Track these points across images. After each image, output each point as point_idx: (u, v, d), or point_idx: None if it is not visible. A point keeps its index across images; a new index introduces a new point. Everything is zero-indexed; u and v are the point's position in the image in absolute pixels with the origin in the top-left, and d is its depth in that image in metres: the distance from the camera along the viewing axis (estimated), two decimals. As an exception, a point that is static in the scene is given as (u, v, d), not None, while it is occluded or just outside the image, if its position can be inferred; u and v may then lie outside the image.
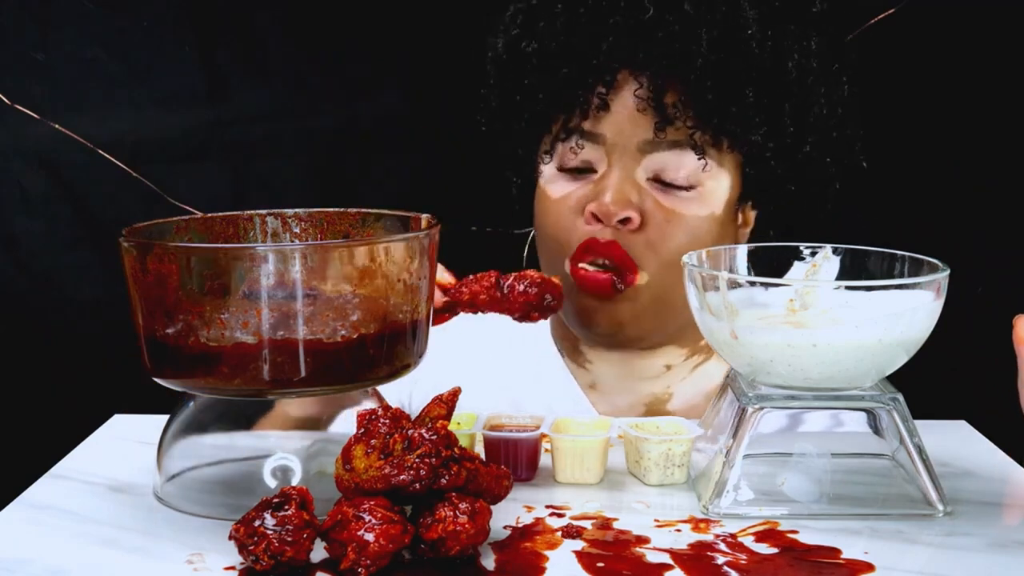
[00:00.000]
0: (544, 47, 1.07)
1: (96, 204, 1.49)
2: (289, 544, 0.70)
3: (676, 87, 1.03)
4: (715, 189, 1.07)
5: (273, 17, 1.49)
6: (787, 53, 1.04)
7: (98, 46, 1.47)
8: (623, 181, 1.05)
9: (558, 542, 0.77)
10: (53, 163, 1.48)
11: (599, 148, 1.07)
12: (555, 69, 1.06)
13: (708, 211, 1.07)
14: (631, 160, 1.06)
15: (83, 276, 1.50)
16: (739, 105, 1.03)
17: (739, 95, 1.03)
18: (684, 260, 0.85)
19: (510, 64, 1.11)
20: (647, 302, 1.08)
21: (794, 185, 1.10)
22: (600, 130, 1.06)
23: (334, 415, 0.87)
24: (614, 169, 1.06)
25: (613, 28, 1.04)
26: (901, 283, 0.83)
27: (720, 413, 0.88)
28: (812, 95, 1.06)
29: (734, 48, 1.02)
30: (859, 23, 1.46)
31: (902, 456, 0.84)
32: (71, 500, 0.85)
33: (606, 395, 1.16)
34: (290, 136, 1.50)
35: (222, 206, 1.43)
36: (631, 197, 1.05)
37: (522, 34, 1.09)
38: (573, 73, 1.05)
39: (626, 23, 1.03)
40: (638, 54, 1.03)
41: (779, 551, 0.76)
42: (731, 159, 1.07)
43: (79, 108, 1.47)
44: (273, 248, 0.78)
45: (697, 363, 1.16)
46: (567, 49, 1.05)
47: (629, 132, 1.05)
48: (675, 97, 1.03)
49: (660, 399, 1.15)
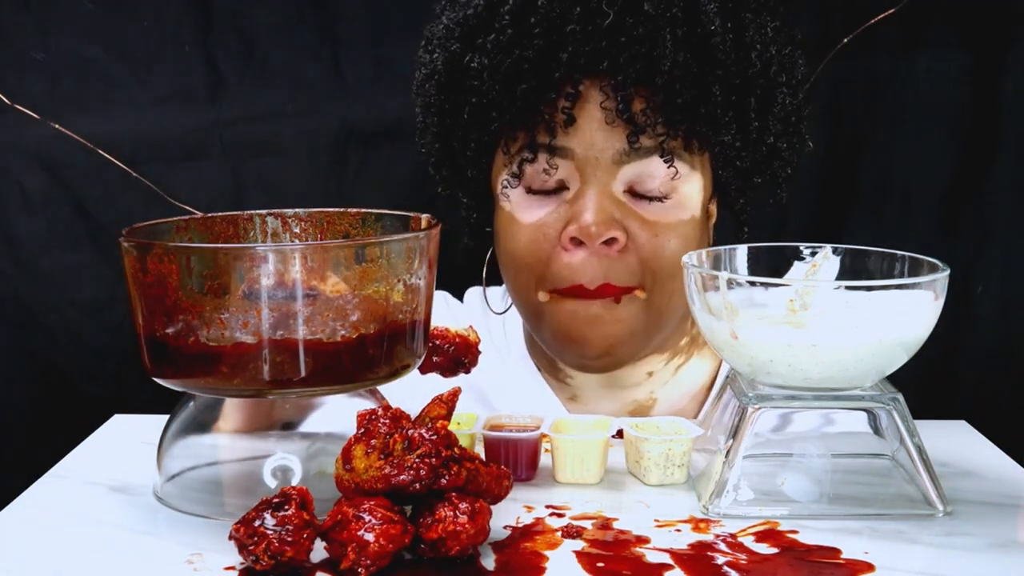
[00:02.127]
0: (495, 62, 0.99)
1: (96, 204, 1.49)
2: (289, 544, 0.70)
3: (643, 92, 0.97)
4: (691, 193, 1.02)
5: (273, 17, 1.49)
6: (749, 44, 1.00)
7: (98, 46, 1.47)
8: (601, 198, 0.99)
9: (558, 542, 0.77)
10: (53, 163, 1.48)
11: (568, 164, 1.00)
12: (512, 85, 0.98)
13: (689, 215, 1.02)
14: (605, 174, 1.00)
15: (83, 276, 1.49)
16: (708, 105, 0.98)
17: (708, 95, 0.98)
18: (684, 260, 0.85)
19: (454, 83, 1.03)
20: (644, 317, 1.03)
21: (760, 176, 1.07)
22: (569, 144, 0.99)
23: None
24: (589, 186, 1.00)
25: (571, 37, 0.96)
26: (901, 283, 0.83)
27: (720, 413, 0.89)
28: (775, 85, 1.02)
29: (699, 46, 0.97)
30: (859, 23, 1.46)
31: (902, 456, 0.84)
32: (71, 500, 0.85)
33: (588, 406, 1.13)
34: (290, 136, 1.50)
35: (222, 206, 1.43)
36: (613, 214, 0.99)
37: (464, 48, 1.01)
38: (532, 88, 0.98)
39: (585, 30, 0.96)
40: (602, 62, 0.96)
41: (779, 551, 0.76)
42: (702, 160, 1.03)
43: (79, 108, 1.47)
44: (273, 248, 0.78)
45: (678, 364, 1.13)
46: (523, 62, 0.97)
47: (601, 144, 0.99)
48: (643, 103, 0.97)
49: (644, 405, 1.13)
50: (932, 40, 1.46)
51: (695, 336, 1.14)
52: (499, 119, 1.01)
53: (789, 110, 1.05)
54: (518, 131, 1.01)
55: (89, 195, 1.49)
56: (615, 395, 1.13)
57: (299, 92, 1.50)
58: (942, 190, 1.50)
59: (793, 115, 1.06)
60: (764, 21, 1.02)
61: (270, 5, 1.49)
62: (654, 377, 1.13)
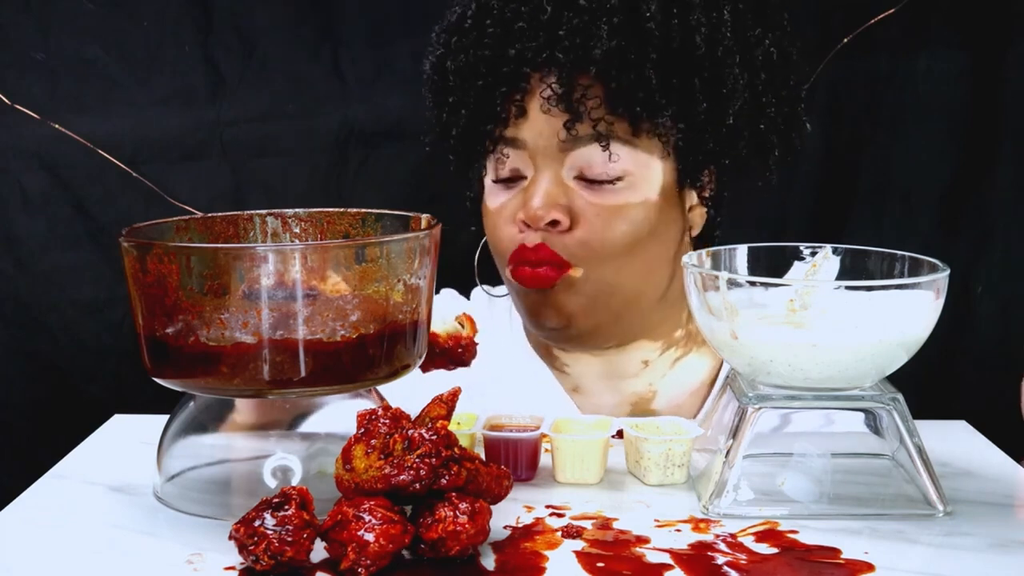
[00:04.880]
0: (458, 61, 1.08)
1: (96, 204, 1.49)
2: (289, 544, 0.70)
3: (582, 81, 1.02)
4: (646, 176, 1.06)
5: (273, 17, 1.49)
6: (693, 29, 1.02)
7: (98, 46, 1.47)
8: (550, 184, 1.06)
9: (558, 542, 0.77)
10: (53, 163, 1.48)
11: (522, 154, 1.08)
12: (472, 81, 1.07)
13: (641, 198, 1.06)
14: (554, 162, 1.06)
15: (83, 276, 1.49)
16: (645, 89, 1.01)
17: (643, 79, 1.01)
18: (684, 260, 0.85)
19: (437, 83, 1.12)
20: (590, 293, 1.08)
21: (727, 159, 1.08)
22: (521, 135, 1.07)
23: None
24: (540, 173, 1.07)
25: (519, 34, 1.04)
26: (901, 283, 0.83)
27: (720, 413, 0.89)
28: (724, 67, 1.04)
29: (635, 33, 1.02)
30: (859, 23, 1.46)
31: (902, 456, 0.84)
32: (71, 500, 0.85)
33: (590, 397, 1.16)
34: (290, 136, 1.50)
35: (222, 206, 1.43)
36: (558, 199, 1.06)
37: (444, 52, 1.10)
38: (486, 83, 1.06)
39: (529, 26, 1.04)
40: (542, 55, 1.03)
41: (779, 551, 0.76)
42: (661, 144, 1.06)
43: (79, 108, 1.47)
44: (273, 248, 0.79)
45: (676, 357, 1.15)
46: (480, 61, 1.06)
47: (548, 134, 1.05)
48: (581, 91, 1.02)
49: (644, 398, 1.15)
50: (932, 40, 1.46)
51: (693, 332, 1.15)
52: (466, 115, 1.08)
53: (758, 90, 1.06)
54: (484, 124, 1.08)
55: (89, 195, 1.49)
56: (614, 386, 1.15)
57: (299, 92, 1.50)
58: (942, 190, 1.50)
59: (764, 95, 1.07)
60: (718, 4, 1.04)
61: (270, 5, 1.49)
62: (651, 368, 1.15)
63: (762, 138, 1.09)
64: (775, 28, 1.08)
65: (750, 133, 1.07)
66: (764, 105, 1.07)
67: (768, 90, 1.07)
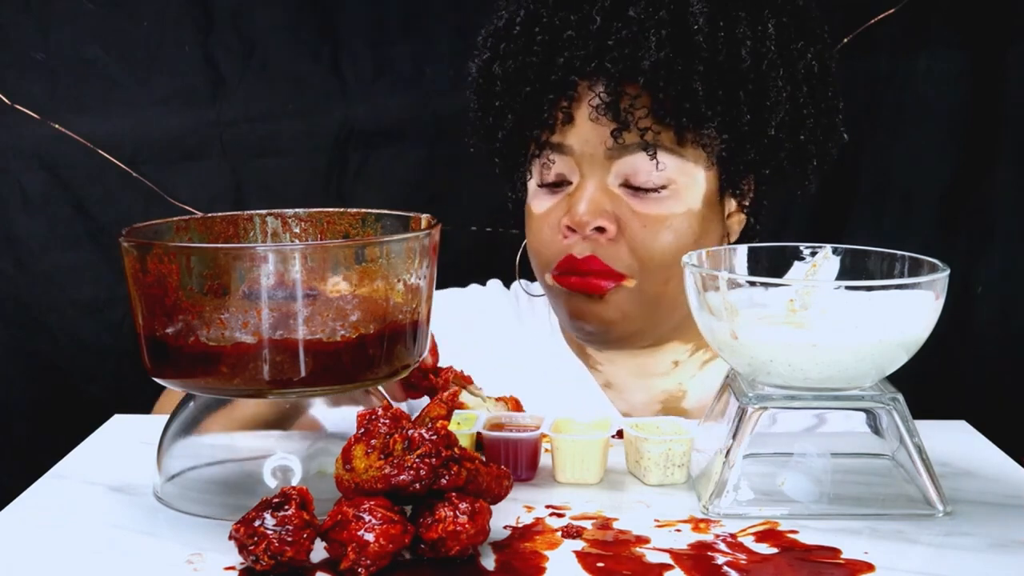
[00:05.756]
0: (507, 67, 1.09)
1: (96, 204, 1.49)
2: (289, 544, 0.70)
3: (630, 91, 1.04)
4: (689, 185, 1.08)
5: (273, 17, 1.49)
6: (739, 41, 1.04)
7: (98, 46, 1.47)
8: (595, 190, 1.07)
9: (558, 542, 0.77)
10: (53, 163, 1.48)
11: (569, 160, 1.09)
12: (519, 87, 1.08)
13: (685, 208, 1.08)
14: (600, 169, 1.08)
15: (83, 276, 1.50)
16: (691, 100, 1.03)
17: (690, 90, 1.03)
18: (684, 260, 0.85)
19: (483, 87, 1.14)
20: (635, 304, 1.09)
21: (768, 168, 1.10)
22: (568, 141, 1.08)
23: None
24: (586, 180, 1.08)
25: (568, 42, 1.06)
26: (901, 283, 0.83)
27: (720, 413, 0.88)
28: (768, 79, 1.06)
29: (683, 45, 1.03)
30: (859, 23, 1.46)
31: (902, 456, 0.84)
32: (71, 500, 0.85)
33: (621, 394, 1.18)
34: (290, 136, 1.50)
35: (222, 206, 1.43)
36: (604, 206, 1.07)
37: (491, 57, 1.12)
38: (535, 90, 1.07)
39: (579, 35, 1.05)
40: (591, 63, 1.05)
41: (779, 551, 0.76)
42: (707, 155, 1.08)
43: (79, 108, 1.47)
44: (273, 248, 0.78)
45: (705, 359, 1.17)
46: (528, 67, 1.08)
47: (595, 141, 1.07)
48: (629, 101, 1.04)
49: (674, 396, 1.17)
50: (932, 40, 1.46)
51: None
52: (512, 120, 1.10)
53: (799, 101, 1.08)
54: (529, 130, 1.10)
55: (89, 195, 1.49)
56: (644, 384, 1.17)
57: (299, 92, 1.50)
58: (942, 190, 1.50)
59: (806, 107, 1.09)
60: (762, 18, 1.06)
61: (270, 5, 1.49)
62: (680, 368, 1.17)
63: (801, 148, 1.11)
64: (816, 42, 1.10)
65: (791, 143, 1.10)
66: (804, 117, 1.09)
67: (809, 102, 1.09)
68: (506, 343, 1.22)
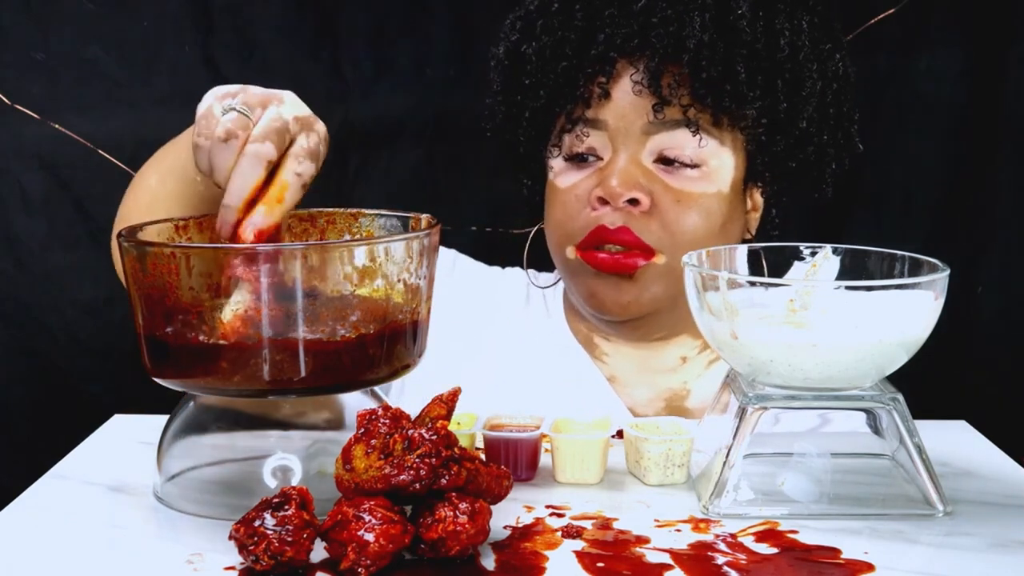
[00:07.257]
0: (542, 44, 1.10)
1: (96, 204, 1.49)
2: (289, 544, 0.70)
3: (672, 69, 1.06)
4: (719, 167, 1.09)
5: (273, 17, 1.49)
6: (778, 32, 1.07)
7: (98, 46, 1.47)
8: (629, 163, 1.08)
9: (558, 542, 0.77)
10: (53, 163, 1.48)
11: (602, 135, 1.09)
12: (554, 63, 1.09)
13: (715, 188, 1.09)
14: (635, 144, 1.08)
15: (83, 276, 1.50)
16: (733, 82, 1.05)
17: (732, 72, 1.05)
18: (684, 260, 0.85)
19: (512, 67, 1.14)
20: (663, 283, 1.10)
21: (794, 162, 1.12)
22: (603, 116, 1.09)
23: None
24: (619, 154, 1.09)
25: (609, 20, 1.07)
26: (901, 283, 0.83)
27: (720, 413, 0.88)
28: (804, 71, 1.08)
29: (726, 28, 1.05)
30: (859, 23, 1.46)
31: (902, 456, 0.84)
32: (71, 500, 0.85)
33: (626, 388, 1.18)
34: (290, 136, 1.50)
35: (222, 206, 1.42)
36: (638, 179, 1.08)
37: (522, 38, 1.13)
38: (572, 65, 1.08)
39: (621, 13, 1.07)
40: (634, 41, 1.06)
41: (779, 551, 0.76)
42: (733, 138, 1.10)
43: (79, 108, 1.47)
44: (273, 248, 0.78)
45: (711, 359, 1.17)
46: (564, 43, 1.09)
47: (631, 117, 1.08)
48: (671, 78, 1.06)
49: (678, 395, 1.17)
50: (932, 40, 1.46)
51: None
52: (545, 96, 1.11)
53: (825, 99, 1.10)
54: (562, 105, 1.10)
55: (89, 195, 1.49)
56: (650, 380, 1.17)
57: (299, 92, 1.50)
58: (942, 190, 1.50)
59: (831, 107, 1.11)
60: (798, 14, 1.09)
61: (270, 5, 1.49)
62: (687, 365, 1.17)
63: (824, 149, 1.13)
64: (841, 48, 1.13)
65: (817, 139, 1.11)
66: (830, 116, 1.11)
67: (835, 102, 1.11)
68: (513, 331, 1.22)
